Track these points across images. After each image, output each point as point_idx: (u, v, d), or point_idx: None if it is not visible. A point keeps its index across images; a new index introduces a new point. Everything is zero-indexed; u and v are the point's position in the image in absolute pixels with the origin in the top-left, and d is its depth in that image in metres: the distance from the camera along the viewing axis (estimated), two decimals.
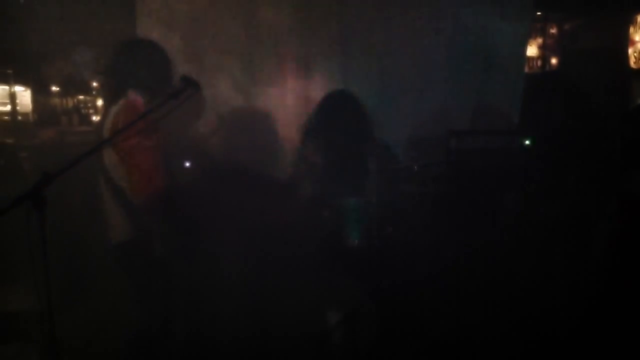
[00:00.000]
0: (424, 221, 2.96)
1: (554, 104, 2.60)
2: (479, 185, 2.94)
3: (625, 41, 7.31)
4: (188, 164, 3.03)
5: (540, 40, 8.44)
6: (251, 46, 3.44)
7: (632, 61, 7.26)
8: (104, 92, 2.48)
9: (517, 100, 3.81)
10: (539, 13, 7.93)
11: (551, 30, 8.43)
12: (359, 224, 2.66)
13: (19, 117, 7.08)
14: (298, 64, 3.47)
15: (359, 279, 2.66)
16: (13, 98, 6.97)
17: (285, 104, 3.48)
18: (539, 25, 8.22)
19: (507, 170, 2.88)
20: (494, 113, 3.82)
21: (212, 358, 2.77)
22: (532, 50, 8.25)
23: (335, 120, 2.91)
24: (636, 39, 7.23)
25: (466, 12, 3.70)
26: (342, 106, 2.92)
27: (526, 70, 5.04)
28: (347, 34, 3.51)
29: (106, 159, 2.26)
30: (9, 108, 7.01)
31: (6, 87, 7.05)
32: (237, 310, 2.81)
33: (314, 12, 3.44)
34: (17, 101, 7.06)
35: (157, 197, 2.22)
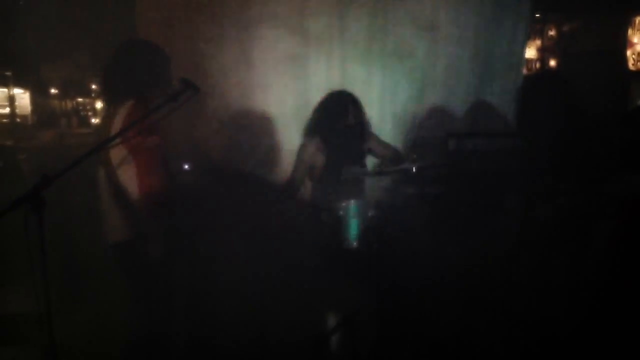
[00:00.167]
0: (422, 223, 2.96)
1: (549, 103, 2.60)
2: (478, 187, 2.94)
3: (623, 43, 7.33)
4: (187, 166, 3.03)
5: (539, 42, 8.47)
6: (251, 46, 3.44)
7: (631, 63, 7.28)
8: (107, 93, 2.48)
9: (516, 102, 3.82)
10: (538, 15, 7.96)
11: (550, 32, 8.46)
12: (357, 226, 2.66)
13: (18, 120, 7.10)
14: (298, 64, 3.47)
15: (358, 280, 2.66)
16: (12, 100, 6.98)
17: (284, 105, 3.48)
18: (537, 27, 8.25)
19: (506, 171, 2.88)
20: (492, 115, 3.82)
21: None
22: (530, 52, 8.27)
23: (335, 121, 2.91)
24: (634, 40, 7.25)
25: (465, 14, 3.70)
26: (342, 107, 2.92)
27: (525, 72, 5.06)
28: (346, 35, 3.51)
29: (113, 158, 2.26)
30: (8, 110, 7.02)
31: (5, 90, 7.07)
32: (236, 312, 2.80)
33: (314, 12, 3.44)
34: (16, 103, 7.07)
35: (162, 197, 2.24)
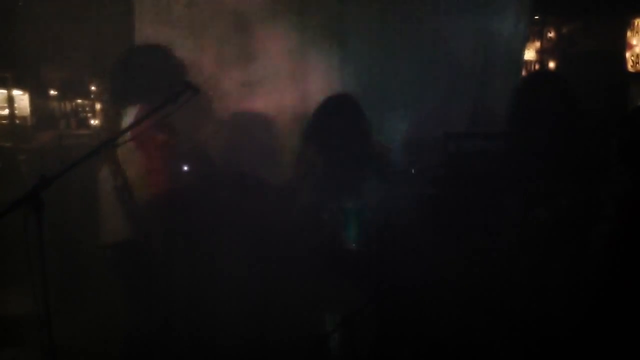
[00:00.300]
0: (422, 224, 2.96)
1: (547, 104, 2.61)
2: (476, 188, 2.94)
3: (622, 45, 7.34)
4: (186, 167, 3.03)
5: (538, 44, 8.47)
6: (251, 46, 3.44)
7: (630, 65, 7.29)
8: (116, 95, 2.48)
9: (515, 102, 3.81)
10: (537, 17, 7.96)
11: (549, 33, 8.46)
12: (357, 227, 2.67)
13: (17, 121, 7.08)
14: (297, 65, 3.47)
15: (357, 281, 2.66)
16: (11, 101, 6.97)
17: (284, 106, 3.48)
18: (537, 28, 8.25)
19: (505, 172, 2.88)
20: (492, 116, 3.82)
21: None
22: (530, 54, 8.27)
23: (335, 123, 2.91)
24: (633, 42, 7.25)
25: (464, 15, 3.70)
26: (343, 109, 2.93)
27: (524, 73, 5.05)
28: (346, 36, 3.51)
29: (120, 157, 2.26)
30: (7, 112, 7.01)
31: (4, 91, 7.05)
32: (236, 313, 2.80)
33: (314, 13, 3.44)
34: (16, 105, 7.06)
35: (167, 197, 2.24)
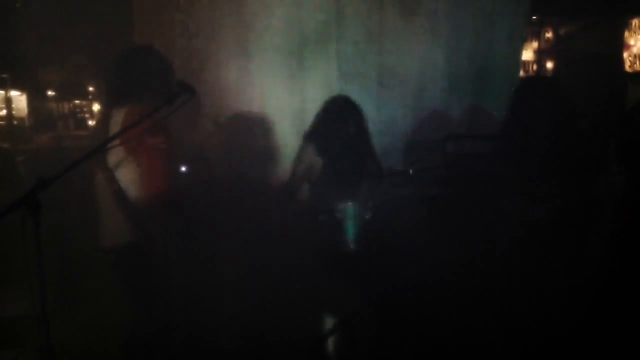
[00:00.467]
0: (420, 225, 2.96)
1: (544, 106, 2.61)
2: (475, 189, 2.94)
3: (620, 45, 7.36)
4: (184, 168, 3.02)
5: (535, 44, 8.49)
6: (251, 47, 3.44)
7: (627, 65, 7.31)
8: (109, 95, 2.46)
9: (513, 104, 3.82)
10: (535, 17, 7.97)
11: (547, 34, 8.48)
12: (356, 228, 2.66)
13: (15, 122, 7.07)
14: (297, 65, 3.47)
15: (356, 283, 2.66)
16: (9, 103, 6.97)
17: (283, 106, 3.48)
18: (534, 29, 8.27)
19: (503, 173, 2.89)
20: (490, 117, 3.83)
21: None
22: (527, 54, 8.29)
23: (335, 125, 2.92)
24: (631, 43, 7.27)
25: (463, 16, 3.71)
26: (342, 112, 2.93)
27: (522, 74, 5.07)
28: (345, 37, 3.51)
29: (112, 159, 2.24)
30: (4, 113, 7.00)
31: (2, 92, 7.04)
32: (236, 313, 2.80)
33: (312, 12, 3.44)
34: (13, 106, 7.05)
35: (165, 199, 2.23)
